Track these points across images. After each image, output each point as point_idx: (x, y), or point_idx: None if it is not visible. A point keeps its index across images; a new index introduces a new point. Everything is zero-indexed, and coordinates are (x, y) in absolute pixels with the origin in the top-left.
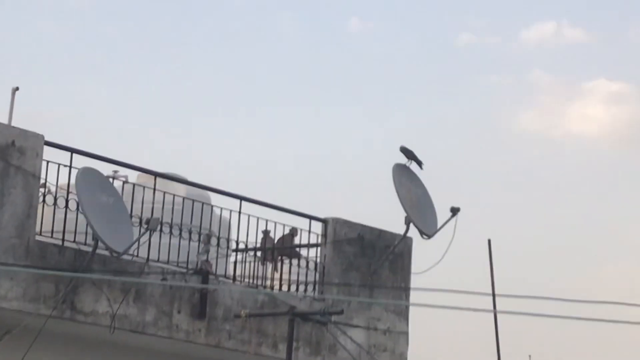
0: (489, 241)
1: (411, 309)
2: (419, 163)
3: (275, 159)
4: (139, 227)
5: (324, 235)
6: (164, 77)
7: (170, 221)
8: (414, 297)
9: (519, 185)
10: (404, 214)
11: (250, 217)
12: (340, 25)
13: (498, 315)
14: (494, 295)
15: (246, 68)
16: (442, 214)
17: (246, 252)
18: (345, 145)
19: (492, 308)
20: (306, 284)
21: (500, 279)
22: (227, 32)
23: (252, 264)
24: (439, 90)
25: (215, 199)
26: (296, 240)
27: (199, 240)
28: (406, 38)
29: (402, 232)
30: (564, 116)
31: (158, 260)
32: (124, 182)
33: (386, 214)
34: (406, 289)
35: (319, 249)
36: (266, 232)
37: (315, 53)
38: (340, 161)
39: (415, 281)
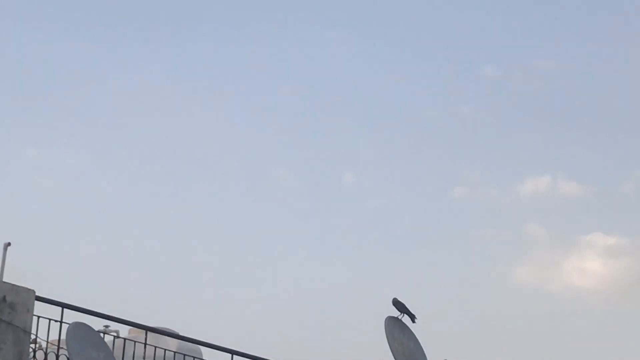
0: None
1: None
2: (412, 316)
3: (267, 313)
4: None
5: None
6: (156, 231)
7: None
8: None
9: (515, 338)
10: None
11: None
12: (334, 178)
13: None
14: None
15: (239, 222)
16: None
17: None
18: (336, 296)
19: None
20: None
21: None
22: (217, 186)
23: None
24: (434, 242)
25: (206, 353)
26: None
27: None
28: (401, 190)
29: None
30: (561, 269)
31: None
32: (115, 337)
33: None
34: None
35: None
36: None
37: (310, 205)
38: (332, 312)
39: None
